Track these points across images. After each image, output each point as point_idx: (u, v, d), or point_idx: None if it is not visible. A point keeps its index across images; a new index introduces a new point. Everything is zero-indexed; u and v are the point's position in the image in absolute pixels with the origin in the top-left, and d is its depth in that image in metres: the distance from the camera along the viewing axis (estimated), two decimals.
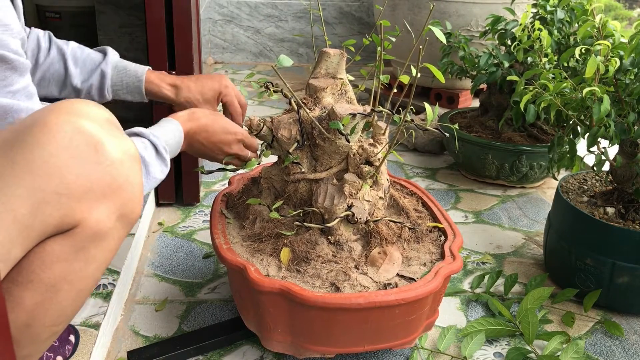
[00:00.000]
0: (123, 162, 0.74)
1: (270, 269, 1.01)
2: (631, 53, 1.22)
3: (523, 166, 1.81)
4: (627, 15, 4.58)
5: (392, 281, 0.99)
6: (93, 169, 0.70)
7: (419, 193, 1.26)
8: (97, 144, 0.71)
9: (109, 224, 0.73)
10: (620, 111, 1.24)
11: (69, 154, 0.69)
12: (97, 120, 0.74)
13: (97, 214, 0.71)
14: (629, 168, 1.27)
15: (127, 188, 0.75)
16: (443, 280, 0.99)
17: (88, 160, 0.70)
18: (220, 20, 3.45)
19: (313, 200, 1.07)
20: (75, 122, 0.70)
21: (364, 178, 1.06)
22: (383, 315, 0.95)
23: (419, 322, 1.02)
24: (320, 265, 1.01)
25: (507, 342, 1.19)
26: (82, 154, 0.70)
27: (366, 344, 0.98)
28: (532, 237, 1.61)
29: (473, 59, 1.85)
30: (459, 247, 1.08)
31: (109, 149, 0.72)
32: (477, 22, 2.27)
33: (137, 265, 1.40)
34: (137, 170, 0.77)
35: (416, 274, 1.01)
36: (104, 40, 1.84)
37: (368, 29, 3.48)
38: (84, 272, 0.73)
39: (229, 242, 1.06)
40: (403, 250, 1.07)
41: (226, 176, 1.92)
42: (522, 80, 1.36)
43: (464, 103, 2.47)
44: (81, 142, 0.70)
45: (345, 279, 0.99)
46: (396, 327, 0.97)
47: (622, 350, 1.18)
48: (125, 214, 0.75)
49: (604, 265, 1.24)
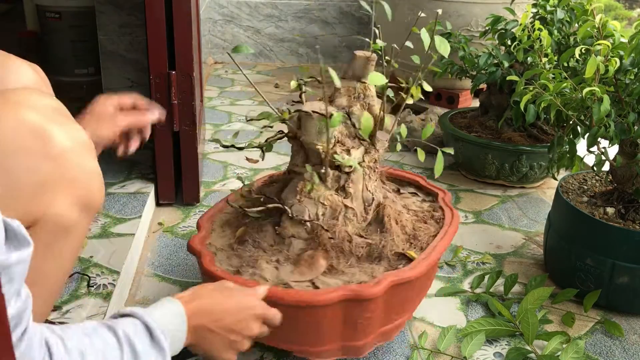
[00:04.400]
0: (73, 150, 0.70)
1: (219, 250, 1.09)
2: (631, 53, 1.22)
3: (523, 166, 1.81)
4: (627, 15, 4.58)
5: (291, 283, 0.98)
6: (42, 161, 0.67)
7: (443, 205, 1.21)
8: (43, 134, 0.67)
9: (72, 217, 0.71)
10: (620, 111, 1.24)
11: (14, 146, 0.65)
12: (43, 109, 0.70)
13: (57, 208, 0.69)
14: (629, 168, 1.27)
15: (82, 177, 0.71)
16: (338, 300, 0.93)
17: (35, 151, 0.66)
18: (220, 20, 3.45)
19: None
20: (17, 112, 0.66)
21: (323, 180, 1.06)
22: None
23: (319, 335, 0.96)
24: (252, 250, 1.05)
25: (507, 342, 1.19)
26: (28, 145, 0.66)
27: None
28: (532, 237, 1.61)
29: (473, 59, 1.85)
30: (397, 280, 0.99)
31: (57, 139, 0.68)
32: (477, 22, 2.27)
33: (137, 265, 1.40)
34: (90, 158, 0.73)
35: (325, 285, 0.99)
36: (104, 40, 1.84)
37: (368, 29, 3.48)
38: (53, 268, 0.71)
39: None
40: (337, 263, 1.03)
41: (226, 176, 1.92)
42: (522, 80, 1.36)
43: (464, 103, 2.47)
44: (26, 133, 0.66)
45: (252, 267, 1.01)
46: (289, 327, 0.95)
47: (622, 350, 1.18)
48: (86, 204, 0.72)
49: (604, 265, 1.24)
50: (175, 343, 0.76)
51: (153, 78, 1.52)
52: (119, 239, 1.39)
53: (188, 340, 0.78)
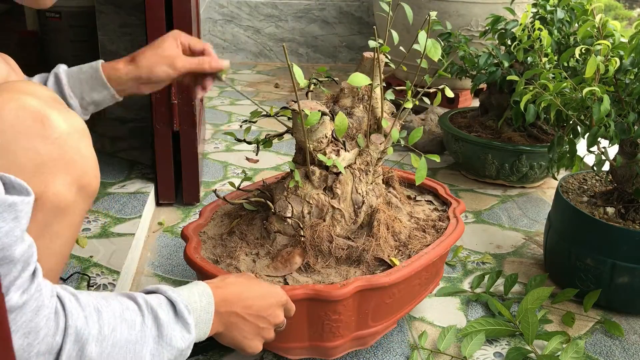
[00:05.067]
0: (71, 135, 0.74)
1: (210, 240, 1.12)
2: (631, 53, 1.22)
3: (523, 166, 1.81)
4: (627, 15, 4.58)
5: (264, 277, 1.00)
6: (41, 143, 0.70)
7: (451, 216, 1.20)
8: (43, 118, 0.71)
9: (69, 197, 0.73)
10: (620, 111, 1.24)
11: (15, 130, 0.68)
12: (42, 97, 0.74)
13: (55, 188, 0.71)
14: (629, 168, 1.27)
15: (79, 160, 0.75)
16: (301, 297, 0.93)
17: (36, 134, 0.70)
18: (220, 20, 3.45)
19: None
20: (19, 99, 0.70)
21: (309, 178, 1.06)
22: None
23: (285, 331, 0.92)
24: (237, 241, 1.07)
25: (507, 342, 1.19)
26: (29, 129, 0.70)
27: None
28: (532, 237, 1.61)
29: (473, 59, 1.85)
30: (367, 285, 0.97)
31: (56, 123, 0.72)
32: (477, 21, 2.27)
33: (137, 265, 1.40)
34: (87, 144, 0.77)
35: (294, 283, 0.99)
36: (104, 40, 1.84)
37: (368, 29, 3.48)
38: (50, 249, 0.73)
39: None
40: (314, 262, 1.03)
41: (226, 176, 1.92)
42: (522, 80, 1.36)
43: (464, 103, 2.47)
44: (27, 118, 0.70)
45: (231, 257, 1.03)
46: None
47: (622, 350, 1.18)
48: (82, 187, 0.75)
49: (604, 265, 1.24)
50: (201, 325, 0.75)
51: None
52: (119, 239, 1.39)
53: (215, 326, 0.78)
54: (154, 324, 0.68)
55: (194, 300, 0.75)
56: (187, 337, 0.71)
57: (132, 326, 0.65)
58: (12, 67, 0.90)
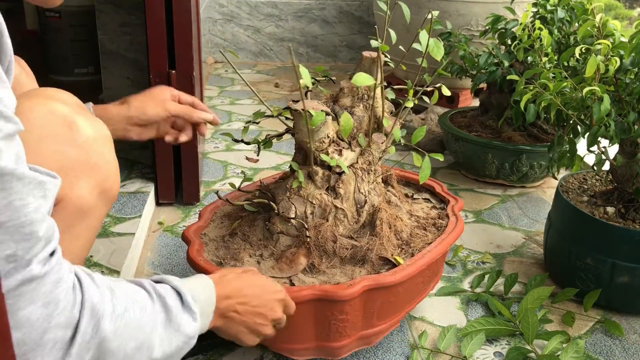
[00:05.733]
0: (96, 140, 0.77)
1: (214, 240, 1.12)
2: (631, 52, 1.22)
3: (523, 166, 1.81)
4: (627, 14, 4.58)
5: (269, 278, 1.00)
6: (68, 146, 0.73)
7: (450, 215, 1.19)
8: (70, 124, 0.74)
9: (91, 200, 0.76)
10: (620, 111, 1.24)
11: (44, 132, 0.71)
12: (69, 103, 0.76)
13: (78, 190, 0.74)
14: (629, 167, 1.27)
15: (103, 165, 0.77)
16: (308, 298, 0.94)
17: (63, 137, 0.73)
18: (220, 20, 3.45)
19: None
20: (48, 104, 0.73)
21: (312, 179, 1.06)
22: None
23: (291, 332, 0.95)
24: (240, 243, 1.07)
25: (507, 342, 1.19)
26: (57, 132, 0.72)
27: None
28: (532, 236, 1.61)
29: (473, 58, 1.85)
30: (373, 285, 0.98)
31: (83, 128, 0.75)
32: (477, 21, 2.27)
33: (137, 264, 1.40)
34: (110, 149, 0.80)
35: (301, 283, 0.99)
36: (104, 39, 1.84)
37: (368, 28, 3.48)
38: (69, 249, 0.74)
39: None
40: (319, 262, 1.03)
41: (226, 176, 1.92)
42: (522, 79, 1.36)
43: (464, 102, 2.46)
44: (55, 122, 0.72)
45: (235, 259, 1.03)
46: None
47: (622, 350, 1.18)
48: (104, 191, 0.78)
49: (604, 265, 1.24)
50: (204, 317, 0.76)
51: (153, 77, 1.52)
52: (119, 239, 1.39)
53: (214, 321, 0.79)
54: (162, 309, 0.69)
55: (198, 292, 0.76)
56: (194, 325, 0.72)
57: (143, 308, 0.66)
58: (23, 67, 0.92)
